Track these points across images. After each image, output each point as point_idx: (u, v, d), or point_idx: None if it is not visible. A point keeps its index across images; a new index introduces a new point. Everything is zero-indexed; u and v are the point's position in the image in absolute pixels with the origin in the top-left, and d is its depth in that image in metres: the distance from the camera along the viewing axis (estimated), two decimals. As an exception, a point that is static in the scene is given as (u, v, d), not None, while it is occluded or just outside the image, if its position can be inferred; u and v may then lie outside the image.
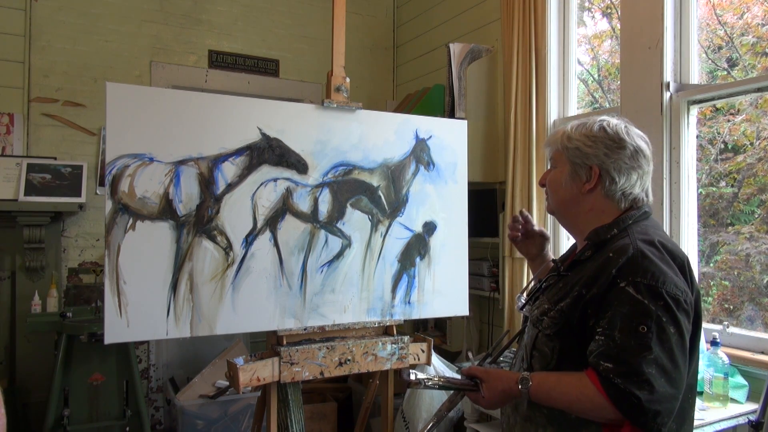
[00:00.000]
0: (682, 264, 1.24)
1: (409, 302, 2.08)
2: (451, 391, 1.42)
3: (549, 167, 1.46)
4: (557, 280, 1.36)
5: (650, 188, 1.38)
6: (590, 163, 1.32)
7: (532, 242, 1.68)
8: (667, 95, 2.31)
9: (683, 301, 1.18)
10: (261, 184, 1.85)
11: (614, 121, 1.36)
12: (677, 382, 1.15)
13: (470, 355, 1.97)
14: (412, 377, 1.34)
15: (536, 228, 1.67)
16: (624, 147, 1.32)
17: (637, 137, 1.35)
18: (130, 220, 1.68)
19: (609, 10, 2.99)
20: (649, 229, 1.30)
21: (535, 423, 1.30)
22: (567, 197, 1.37)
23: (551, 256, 1.69)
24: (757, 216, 2.35)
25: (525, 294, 1.53)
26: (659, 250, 1.23)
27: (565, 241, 2.84)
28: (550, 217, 2.79)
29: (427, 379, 1.33)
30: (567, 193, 1.37)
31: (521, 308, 1.49)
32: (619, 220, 1.32)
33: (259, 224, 1.85)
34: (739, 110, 2.42)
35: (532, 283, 1.60)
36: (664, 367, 1.13)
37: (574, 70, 2.93)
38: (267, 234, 1.86)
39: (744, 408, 1.96)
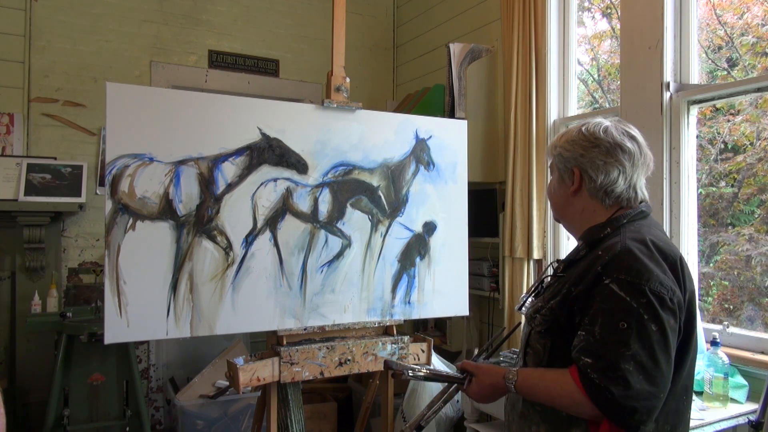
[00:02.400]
0: (674, 263, 1.23)
1: (409, 302, 2.08)
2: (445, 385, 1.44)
3: None
4: (556, 280, 1.38)
5: (644, 186, 1.36)
6: (570, 166, 1.36)
7: None
8: (667, 95, 2.31)
9: (668, 300, 1.16)
10: (261, 184, 1.85)
11: (595, 122, 1.36)
12: (658, 381, 1.14)
13: (475, 351, 2.00)
14: (398, 367, 1.36)
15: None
16: (597, 145, 1.32)
17: (621, 134, 1.33)
18: (130, 220, 1.68)
19: (609, 10, 2.98)
20: (642, 227, 1.29)
21: (529, 420, 1.33)
22: (560, 202, 1.43)
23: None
24: (757, 216, 2.35)
25: (529, 297, 1.54)
26: (648, 248, 1.22)
27: (565, 241, 2.84)
28: (550, 214, 2.80)
29: (413, 368, 1.34)
30: (559, 198, 1.42)
31: (519, 308, 1.51)
32: (613, 219, 1.32)
33: (259, 224, 1.85)
34: (739, 110, 2.42)
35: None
36: (643, 365, 1.13)
37: (574, 70, 2.93)
38: (267, 234, 1.86)
39: (744, 408, 1.95)
